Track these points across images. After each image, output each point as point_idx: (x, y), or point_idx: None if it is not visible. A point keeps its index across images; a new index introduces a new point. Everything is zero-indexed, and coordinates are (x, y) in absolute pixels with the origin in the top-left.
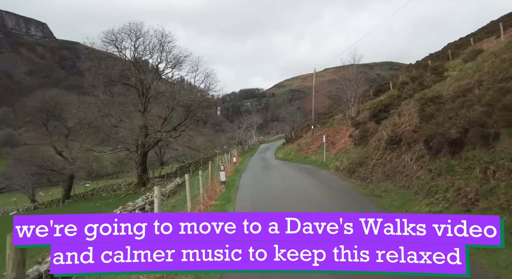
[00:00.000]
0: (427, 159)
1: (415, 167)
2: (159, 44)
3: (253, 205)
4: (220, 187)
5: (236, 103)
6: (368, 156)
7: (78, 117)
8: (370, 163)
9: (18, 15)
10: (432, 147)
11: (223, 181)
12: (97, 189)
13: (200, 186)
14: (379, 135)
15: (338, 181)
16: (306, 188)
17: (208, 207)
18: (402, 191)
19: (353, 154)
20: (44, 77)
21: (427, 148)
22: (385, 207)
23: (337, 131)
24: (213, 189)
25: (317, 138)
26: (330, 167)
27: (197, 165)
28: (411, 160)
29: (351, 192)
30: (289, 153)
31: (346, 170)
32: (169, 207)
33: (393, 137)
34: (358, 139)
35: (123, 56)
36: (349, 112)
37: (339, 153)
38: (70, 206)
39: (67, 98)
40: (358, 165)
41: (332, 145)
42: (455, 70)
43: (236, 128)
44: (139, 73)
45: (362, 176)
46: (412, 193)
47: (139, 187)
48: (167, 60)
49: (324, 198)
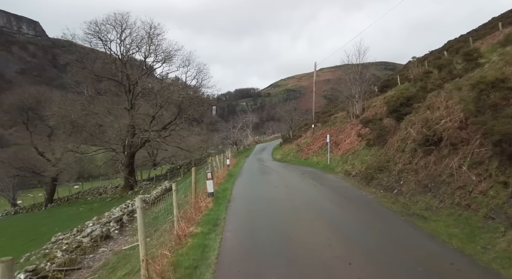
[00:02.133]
0: (493, 166)
1: (474, 177)
2: (147, 37)
3: (251, 235)
4: (207, 200)
5: (231, 103)
6: (390, 159)
7: (60, 115)
8: (394, 168)
9: (9, 13)
10: (505, 150)
11: (210, 193)
12: (82, 192)
13: (174, 206)
14: (402, 134)
15: (354, 190)
16: (318, 201)
17: (183, 240)
18: (458, 211)
19: (367, 156)
20: (36, 76)
21: (500, 151)
22: (442, 237)
23: (340, 130)
24: (197, 205)
25: (318, 138)
26: (337, 171)
27: (189, 166)
28: (463, 167)
29: (378, 208)
30: (288, 154)
31: (360, 176)
32: (151, 217)
33: (429, 136)
34: (374, 139)
35: (108, 50)
36: (354, 109)
37: (346, 155)
38: (52, 211)
39: (50, 96)
40: (377, 170)
41: (335, 145)
42: (491, 56)
43: (230, 127)
44: (125, 68)
45: (384, 184)
46: (480, 216)
47: (125, 190)
48: (156, 54)
49: (346, 220)
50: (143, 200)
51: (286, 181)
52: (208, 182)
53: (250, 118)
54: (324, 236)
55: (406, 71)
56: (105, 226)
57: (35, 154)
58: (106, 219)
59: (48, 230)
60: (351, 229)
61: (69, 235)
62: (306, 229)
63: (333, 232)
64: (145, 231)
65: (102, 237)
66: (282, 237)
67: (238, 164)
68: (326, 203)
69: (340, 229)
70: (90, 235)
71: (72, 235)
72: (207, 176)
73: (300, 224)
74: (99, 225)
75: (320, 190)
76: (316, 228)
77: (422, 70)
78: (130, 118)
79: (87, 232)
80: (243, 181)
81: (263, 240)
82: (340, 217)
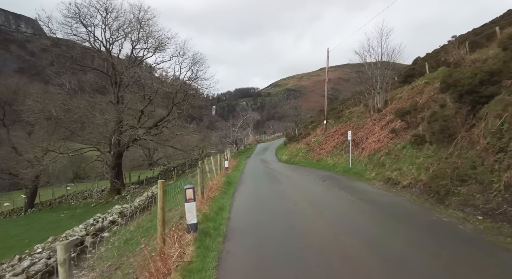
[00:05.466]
0: None
1: None
2: (136, 22)
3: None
4: (185, 240)
5: (231, 102)
6: (476, 164)
7: (36, 110)
8: (491, 179)
9: (7, 11)
10: None
11: (192, 225)
12: (67, 196)
13: None
14: (492, 124)
15: (423, 214)
16: (378, 237)
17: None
18: None
19: (418, 159)
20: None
21: None
22: None
23: (358, 127)
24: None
25: (331, 136)
26: (369, 177)
27: (184, 168)
28: None
29: (500, 255)
30: (296, 154)
31: (421, 188)
32: (123, 240)
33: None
34: (430, 134)
35: (92, 37)
36: (374, 102)
37: (375, 156)
38: (31, 217)
39: (29, 89)
40: (457, 181)
41: (355, 145)
42: None
43: (230, 125)
44: (110, 56)
45: (480, 205)
46: None
47: (112, 195)
48: (147, 42)
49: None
50: (120, 213)
51: (306, 193)
52: (188, 206)
53: (251, 115)
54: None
55: (443, 54)
56: (55, 254)
57: (13, 154)
58: (65, 237)
59: (17, 242)
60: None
61: (5, 265)
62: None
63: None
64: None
65: (45, 273)
66: None
67: (238, 166)
68: (391, 241)
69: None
70: (26, 271)
71: (11, 266)
72: (186, 196)
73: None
74: (48, 252)
75: (366, 211)
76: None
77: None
78: (117, 113)
79: (23, 265)
80: (246, 194)
81: None
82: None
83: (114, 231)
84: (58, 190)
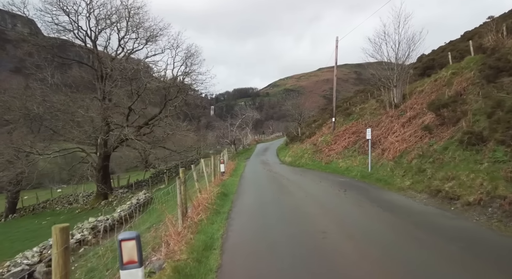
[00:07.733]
0: None
1: None
2: (124, 9)
3: None
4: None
5: (230, 102)
6: None
7: (12, 106)
8: None
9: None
10: None
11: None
12: (51, 200)
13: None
14: None
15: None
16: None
17: None
18: None
19: (481, 165)
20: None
21: None
22: None
23: (373, 124)
24: None
25: (341, 135)
26: (402, 186)
27: (177, 169)
28: None
29: None
30: (301, 156)
31: (508, 209)
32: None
33: None
34: (504, 130)
35: (75, 28)
36: (390, 97)
37: (403, 159)
38: (10, 224)
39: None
40: None
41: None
42: None
43: (228, 124)
44: (95, 48)
45: None
46: None
47: (98, 200)
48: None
49: None
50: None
51: (330, 212)
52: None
53: (250, 114)
54: None
55: (478, 38)
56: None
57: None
58: (7, 268)
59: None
60: None
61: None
62: None
63: None
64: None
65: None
66: None
67: (237, 170)
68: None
69: None
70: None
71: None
72: (122, 253)
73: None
74: None
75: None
76: None
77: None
78: (103, 111)
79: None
80: (247, 214)
81: None
82: None
83: (80, 254)
84: (43, 194)
